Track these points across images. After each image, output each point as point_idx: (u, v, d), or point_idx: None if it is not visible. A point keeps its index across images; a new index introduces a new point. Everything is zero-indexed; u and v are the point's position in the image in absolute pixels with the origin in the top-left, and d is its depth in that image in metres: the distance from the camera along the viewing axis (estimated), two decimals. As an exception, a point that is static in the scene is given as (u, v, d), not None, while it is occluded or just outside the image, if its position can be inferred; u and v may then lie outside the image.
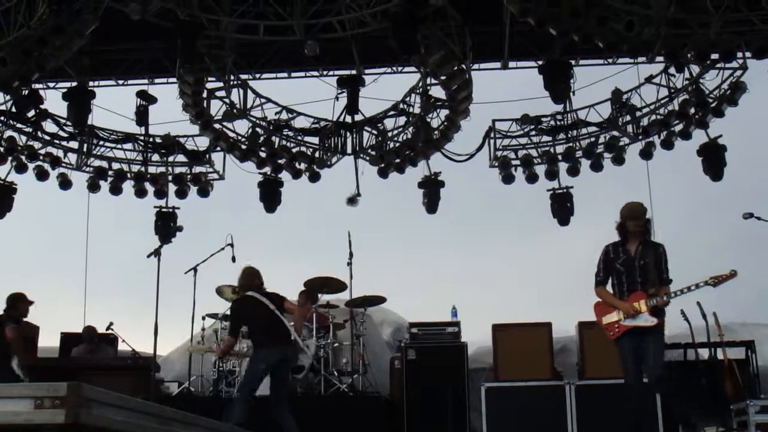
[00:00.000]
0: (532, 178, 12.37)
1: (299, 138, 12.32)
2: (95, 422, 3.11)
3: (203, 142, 12.62)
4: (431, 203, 12.41)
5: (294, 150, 12.28)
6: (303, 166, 12.38)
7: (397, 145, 12.08)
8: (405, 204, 13.92)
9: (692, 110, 11.32)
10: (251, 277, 7.32)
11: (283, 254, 15.53)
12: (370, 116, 12.10)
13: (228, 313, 9.69)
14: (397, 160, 12.00)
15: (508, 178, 12.39)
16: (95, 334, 9.90)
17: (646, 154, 11.92)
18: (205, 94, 11.01)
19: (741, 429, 7.20)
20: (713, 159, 11.35)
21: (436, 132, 11.59)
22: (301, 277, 10.13)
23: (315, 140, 12.36)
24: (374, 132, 12.22)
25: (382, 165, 12.03)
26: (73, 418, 2.94)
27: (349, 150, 12.22)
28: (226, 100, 11.34)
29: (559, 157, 12.32)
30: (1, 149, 11.54)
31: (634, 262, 5.82)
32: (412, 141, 11.87)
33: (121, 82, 11.73)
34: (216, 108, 11.41)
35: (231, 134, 11.81)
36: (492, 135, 12.47)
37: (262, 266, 7.07)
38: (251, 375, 6.96)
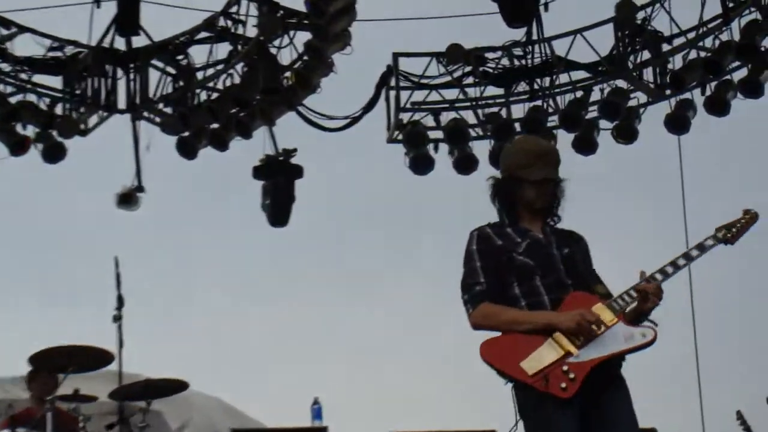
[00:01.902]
0: (465, 164, 12.30)
1: (24, 78, 12.09)
2: None
3: None
4: (278, 207, 12.37)
5: (14, 101, 12.00)
6: (31, 131, 12.07)
7: (214, 96, 12.16)
8: (227, 208, 14.60)
9: (767, 39, 11.33)
10: None
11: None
12: (161, 40, 12.16)
13: None
14: (214, 126, 12.02)
15: (421, 163, 12.37)
16: None
17: (678, 123, 11.86)
18: None
19: None
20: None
21: (287, 75, 11.81)
22: (25, 343, 9.78)
23: (57, 83, 12.25)
24: (171, 71, 12.27)
25: (187, 134, 12.03)
26: None
27: (121, 104, 12.26)
28: None
29: (517, 126, 12.30)
30: None
31: (550, 249, 5.70)
32: (242, 90, 11.91)
33: None
34: None
35: None
36: (393, 83, 12.48)
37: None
38: None
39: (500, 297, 5.63)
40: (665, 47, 11.87)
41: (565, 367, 5.41)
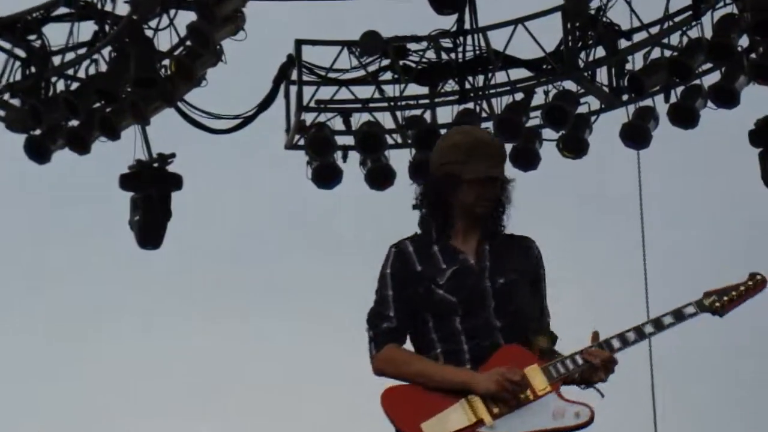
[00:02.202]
0: (380, 177, 12.44)
1: None
2: None
3: None
4: (149, 225, 12.42)
5: None
6: None
7: (74, 87, 12.09)
8: (86, 224, 14.33)
9: (744, 38, 11.44)
10: None
11: None
12: (8, 15, 12.02)
13: None
14: (73, 123, 12.01)
15: (327, 175, 12.45)
16: None
17: (637, 134, 11.96)
18: None
19: None
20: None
21: (165, 63, 11.85)
22: None
23: None
24: (20, 54, 12.12)
25: (38, 132, 12.06)
26: None
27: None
28: None
29: (443, 132, 10.93)
30: None
31: (480, 278, 5.55)
32: (108, 80, 11.89)
33: None
34: None
35: None
36: (295, 76, 12.53)
37: None
38: None
39: (414, 337, 5.54)
40: (623, 44, 12.02)
41: None
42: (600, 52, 12.01)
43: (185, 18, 11.40)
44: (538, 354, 5.46)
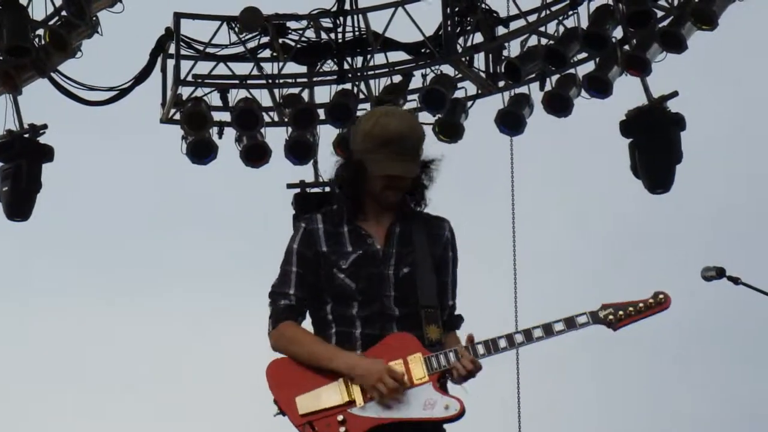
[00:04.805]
0: (255, 154, 12.32)
1: None
2: None
3: None
4: (18, 196, 12.22)
5: None
6: None
7: None
8: None
9: (618, 29, 11.53)
10: None
11: None
12: None
13: None
14: None
15: (202, 150, 12.29)
16: None
17: (511, 121, 12.01)
18: None
19: None
20: (655, 145, 11.75)
21: (39, 33, 11.58)
22: None
23: None
24: None
25: None
26: None
27: None
28: None
29: (321, 112, 12.37)
30: None
31: (384, 265, 5.64)
32: None
33: None
34: None
35: None
36: (173, 50, 12.38)
37: None
38: None
39: (312, 313, 5.64)
40: (501, 30, 11.99)
41: (341, 417, 5.44)
42: (478, 38, 12.01)
43: (61, -13, 11.36)
44: (426, 344, 5.51)
